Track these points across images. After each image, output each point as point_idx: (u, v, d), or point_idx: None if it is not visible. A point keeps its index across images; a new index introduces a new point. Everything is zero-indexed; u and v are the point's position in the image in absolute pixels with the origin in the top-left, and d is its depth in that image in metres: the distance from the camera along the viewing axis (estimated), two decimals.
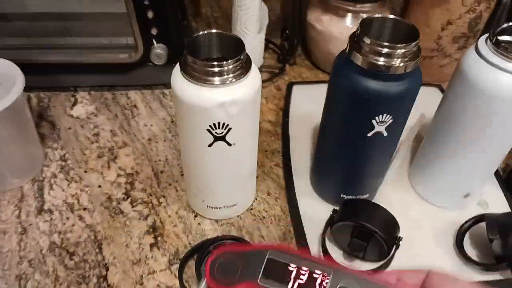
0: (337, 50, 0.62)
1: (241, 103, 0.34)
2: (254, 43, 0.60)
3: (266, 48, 0.70)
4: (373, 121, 0.36)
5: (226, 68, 0.33)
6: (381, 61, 0.33)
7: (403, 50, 0.33)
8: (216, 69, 0.33)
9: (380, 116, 0.35)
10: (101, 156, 0.51)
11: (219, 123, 0.35)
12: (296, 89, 0.61)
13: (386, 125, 0.36)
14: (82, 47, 0.56)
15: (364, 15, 0.58)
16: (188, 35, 0.64)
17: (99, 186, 0.48)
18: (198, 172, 0.40)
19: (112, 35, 0.56)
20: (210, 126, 0.35)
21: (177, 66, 0.34)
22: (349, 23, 0.59)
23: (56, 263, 0.41)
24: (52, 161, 0.50)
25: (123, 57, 0.56)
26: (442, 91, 0.62)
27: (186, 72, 0.33)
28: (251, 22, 0.58)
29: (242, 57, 0.34)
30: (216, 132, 0.35)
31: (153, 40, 0.54)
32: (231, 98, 0.34)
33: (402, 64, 0.33)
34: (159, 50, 0.54)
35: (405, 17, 0.65)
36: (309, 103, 0.58)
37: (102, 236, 0.43)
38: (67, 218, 0.45)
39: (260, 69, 0.65)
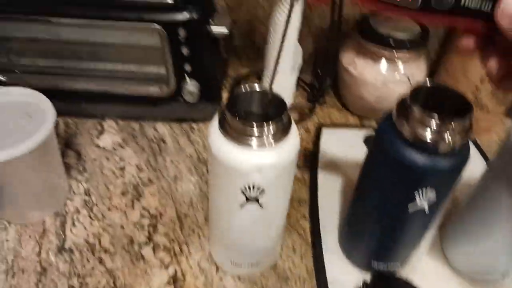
0: (369, 95, 0.61)
1: (279, 167, 0.33)
2: (286, 83, 0.59)
3: (297, 86, 0.69)
4: (416, 196, 0.34)
5: (266, 129, 0.32)
6: (430, 135, 0.31)
7: (455, 125, 0.31)
8: (256, 130, 0.32)
9: (424, 190, 0.33)
10: (125, 193, 0.50)
11: (254, 185, 0.33)
12: (325, 133, 0.60)
13: (429, 201, 0.34)
14: (112, 76, 0.56)
15: (400, 62, 0.57)
16: (223, 71, 0.63)
17: (122, 227, 0.47)
18: (226, 231, 0.39)
19: (145, 67, 0.56)
20: (244, 187, 0.33)
21: (216, 121, 0.33)
22: (384, 70, 0.57)
23: None
24: (76, 194, 0.50)
25: (154, 90, 0.55)
26: (477, 146, 0.59)
27: (224, 129, 0.32)
28: (284, 63, 0.57)
29: (284, 118, 0.33)
30: (249, 194, 0.34)
31: (186, 76, 0.53)
32: (270, 162, 0.32)
33: (453, 140, 0.31)
34: (191, 87, 0.53)
35: (442, 65, 0.63)
36: (339, 149, 0.56)
37: (121, 283, 0.42)
38: (88, 260, 0.43)
39: (289, 109, 0.63)
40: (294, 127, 0.35)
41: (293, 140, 0.34)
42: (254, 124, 0.31)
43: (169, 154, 0.55)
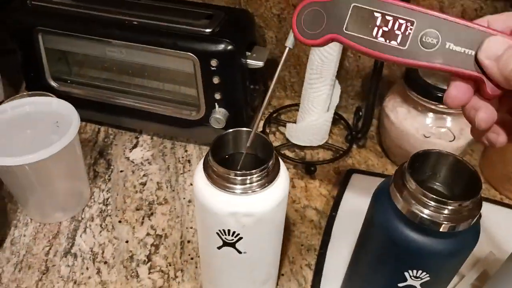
0: (409, 146, 0.56)
1: (257, 215, 0.32)
2: (320, 120, 0.56)
3: (337, 123, 0.66)
4: (406, 274, 0.30)
5: (249, 177, 0.31)
6: (425, 213, 0.28)
7: (455, 207, 0.27)
8: (238, 178, 0.31)
9: (415, 271, 0.30)
10: (139, 209, 0.52)
11: (229, 230, 0.32)
12: (355, 179, 0.56)
13: (421, 282, 0.30)
14: (151, 95, 0.58)
15: (449, 118, 0.52)
16: (256, 99, 0.63)
17: (127, 241, 0.48)
18: (209, 268, 0.38)
19: (181, 90, 0.58)
20: (219, 230, 0.33)
21: (201, 162, 0.33)
22: (429, 122, 0.52)
23: None
24: (95, 202, 0.52)
25: (185, 113, 0.57)
26: None
27: (206, 171, 0.32)
28: (319, 101, 0.55)
29: (269, 165, 0.31)
30: (225, 238, 0.33)
31: (216, 104, 0.54)
32: (246, 210, 0.31)
33: (452, 223, 0.27)
34: (218, 115, 0.54)
35: None
36: (366, 199, 0.52)
37: None
38: (87, 268, 0.45)
39: (323, 146, 0.61)
40: (283, 173, 0.33)
41: (279, 187, 0.32)
42: (232, 172, 0.30)
43: (191, 176, 0.56)
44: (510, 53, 0.23)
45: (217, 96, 0.53)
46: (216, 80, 0.51)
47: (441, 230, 0.28)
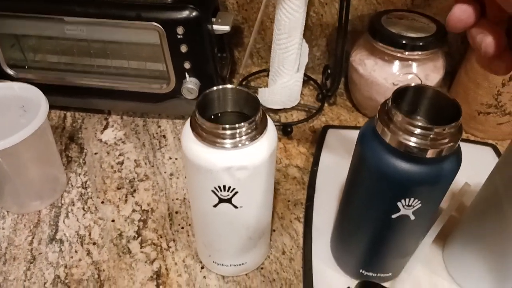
0: (380, 96, 0.58)
1: (251, 167, 0.32)
2: (291, 81, 0.57)
3: (306, 84, 0.67)
4: (399, 204, 0.32)
5: (238, 131, 0.31)
6: (413, 142, 0.29)
7: (439, 131, 0.28)
8: (227, 132, 0.31)
9: (407, 200, 0.31)
10: (120, 188, 0.51)
11: (224, 186, 0.32)
12: (331, 133, 0.58)
13: (413, 209, 0.32)
14: (117, 73, 0.56)
15: (415, 64, 0.54)
16: (227, 69, 0.63)
17: (113, 220, 0.47)
18: (204, 229, 0.38)
19: (148, 64, 0.56)
20: (215, 187, 0.33)
21: (188, 122, 0.33)
22: (396, 70, 0.54)
23: None
24: (73, 187, 0.51)
25: (155, 87, 0.55)
26: (497, 152, 0.55)
27: (195, 130, 0.31)
28: (289, 61, 0.55)
29: (257, 118, 0.32)
30: (221, 195, 0.33)
31: (186, 74, 0.53)
32: (239, 163, 0.31)
33: (437, 148, 0.29)
34: (190, 85, 0.53)
35: (463, 67, 0.59)
36: (344, 151, 0.54)
37: (105, 276, 0.42)
38: (76, 252, 0.44)
39: (296, 108, 0.62)
40: (271, 127, 0.33)
41: (269, 140, 0.32)
42: (221, 126, 0.30)
43: (168, 151, 0.55)
44: None
45: (187, 65, 0.52)
46: (184, 48, 0.50)
47: (428, 156, 0.29)
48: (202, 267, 0.43)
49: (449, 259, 0.42)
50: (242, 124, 0.30)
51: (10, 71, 0.56)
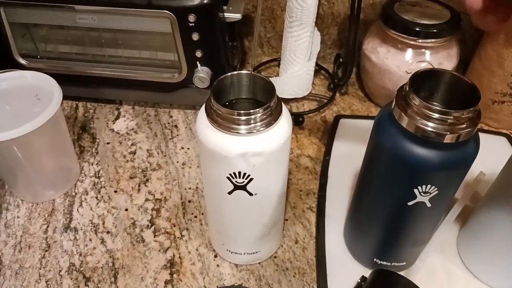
0: (392, 85, 0.57)
1: (266, 154, 0.32)
2: (302, 70, 0.56)
3: (318, 74, 0.66)
4: (415, 190, 0.31)
5: (253, 117, 0.31)
6: (430, 126, 0.28)
7: (458, 116, 0.28)
8: (242, 118, 0.30)
9: (424, 187, 0.31)
10: (133, 177, 0.51)
11: (239, 172, 0.32)
12: (343, 123, 0.57)
13: (430, 196, 0.31)
14: (129, 62, 0.56)
15: (428, 52, 0.53)
16: (238, 58, 0.62)
17: (126, 210, 0.47)
18: (218, 217, 0.38)
19: (159, 53, 0.56)
20: (230, 174, 0.32)
21: (203, 108, 0.32)
22: (409, 58, 0.53)
23: (72, 287, 0.41)
24: (86, 176, 0.51)
25: (167, 76, 0.55)
26: (511, 141, 0.54)
27: (210, 116, 0.31)
28: (301, 50, 0.55)
29: (272, 104, 0.31)
30: (236, 181, 0.33)
31: (197, 63, 0.53)
32: (254, 149, 0.31)
33: (456, 133, 0.28)
34: (202, 74, 0.53)
35: (477, 55, 0.58)
36: (356, 141, 0.53)
37: (120, 264, 0.42)
38: (90, 240, 0.44)
39: (308, 97, 0.61)
40: (285, 113, 0.33)
41: (283, 126, 0.32)
42: (236, 112, 0.30)
43: (181, 140, 0.55)
44: None
45: (198, 54, 0.52)
46: (195, 36, 0.50)
47: (445, 141, 0.29)
48: (216, 256, 0.43)
49: (463, 248, 0.42)
50: (258, 110, 0.30)
51: (22, 61, 0.56)
